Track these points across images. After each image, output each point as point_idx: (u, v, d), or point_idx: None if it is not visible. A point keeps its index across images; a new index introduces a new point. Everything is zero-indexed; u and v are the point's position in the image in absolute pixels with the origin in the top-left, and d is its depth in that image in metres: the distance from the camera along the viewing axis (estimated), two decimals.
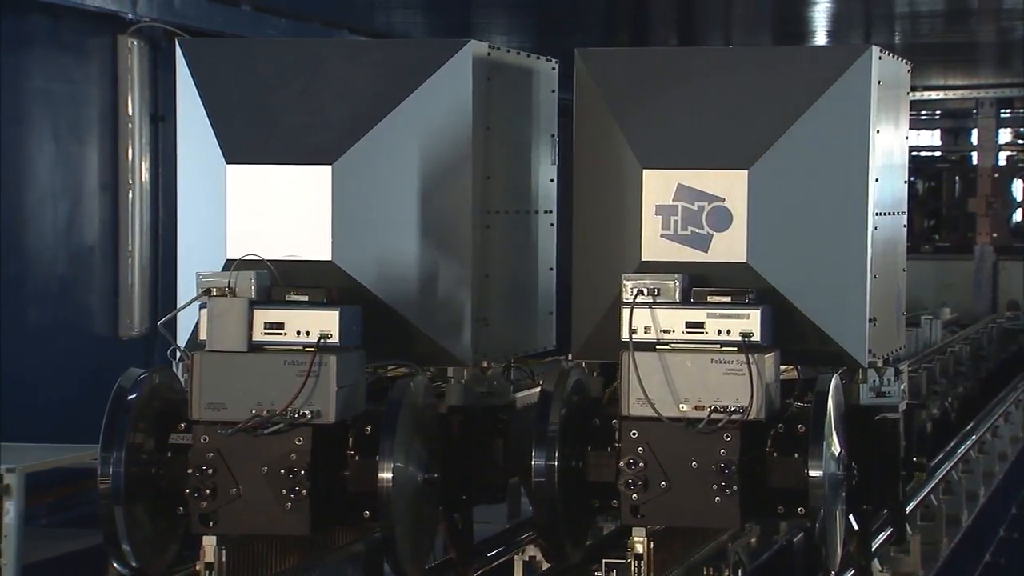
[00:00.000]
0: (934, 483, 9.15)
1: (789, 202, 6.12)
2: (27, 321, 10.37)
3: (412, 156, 6.24)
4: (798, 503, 5.83)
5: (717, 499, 5.72)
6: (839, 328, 6.11)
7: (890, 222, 6.51)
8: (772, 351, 5.88)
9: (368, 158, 6.20)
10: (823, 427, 5.79)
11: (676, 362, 5.78)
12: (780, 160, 6.10)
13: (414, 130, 6.23)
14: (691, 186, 6.11)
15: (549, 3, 12.98)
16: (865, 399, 6.25)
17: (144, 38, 11.05)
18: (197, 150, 6.34)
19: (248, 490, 5.73)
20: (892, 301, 6.59)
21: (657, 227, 6.12)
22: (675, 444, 5.75)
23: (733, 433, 5.71)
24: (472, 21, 13.99)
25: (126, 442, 5.81)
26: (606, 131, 6.24)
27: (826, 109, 6.12)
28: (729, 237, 6.08)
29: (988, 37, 16.03)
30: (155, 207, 11.28)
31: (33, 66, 10.48)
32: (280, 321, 5.85)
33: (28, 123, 10.49)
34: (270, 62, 6.38)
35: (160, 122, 11.19)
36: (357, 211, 6.19)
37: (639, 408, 5.78)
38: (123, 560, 5.90)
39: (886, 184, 6.40)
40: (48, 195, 10.64)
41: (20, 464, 8.44)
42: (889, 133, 6.47)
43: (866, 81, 6.14)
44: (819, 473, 5.74)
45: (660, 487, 5.74)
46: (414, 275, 6.24)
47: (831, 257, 6.13)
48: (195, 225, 6.39)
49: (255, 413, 5.74)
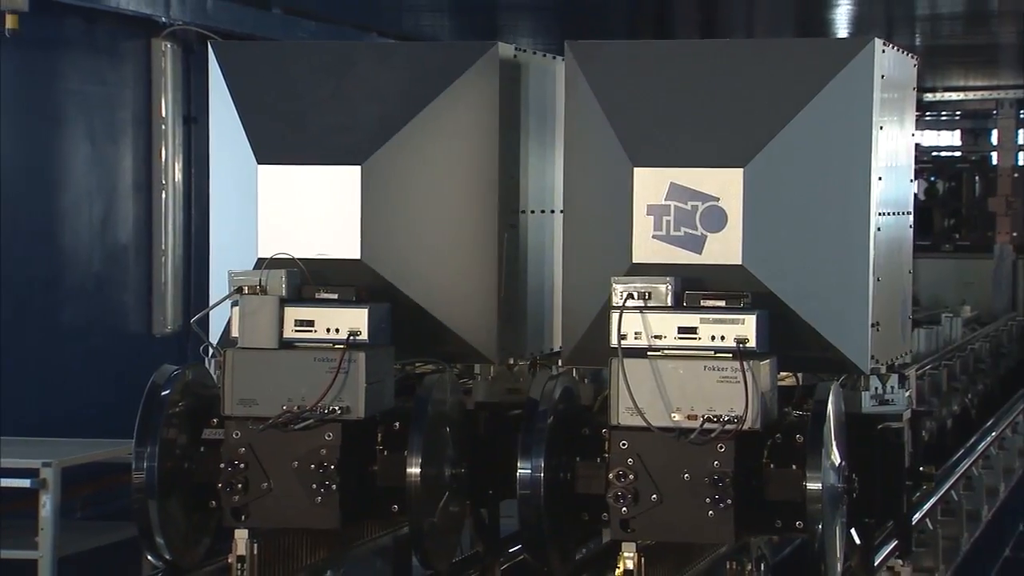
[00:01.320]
0: (954, 479, 9.12)
1: (787, 202, 5.72)
2: (63, 318, 10.40)
3: (440, 156, 6.24)
4: (796, 517, 5.43)
5: (710, 513, 5.33)
6: (840, 333, 5.70)
7: (894, 222, 6.10)
8: (769, 358, 5.50)
9: (397, 158, 6.19)
10: (822, 437, 5.40)
11: (668, 369, 5.40)
12: (777, 158, 5.69)
13: (442, 131, 6.22)
14: (684, 185, 5.70)
15: (573, 6, 12.97)
16: (867, 407, 5.86)
17: (177, 41, 11.07)
18: (229, 151, 6.34)
19: (279, 484, 5.74)
20: (897, 305, 6.19)
21: (649, 228, 5.72)
22: (667, 455, 5.37)
23: (727, 444, 5.32)
24: (498, 24, 13.99)
25: (160, 437, 5.82)
26: (596, 127, 5.85)
27: (826, 104, 5.71)
28: (724, 238, 5.67)
29: (1008, 39, 15.97)
30: (188, 207, 11.30)
31: (68, 68, 10.51)
32: (310, 319, 5.85)
33: (64, 124, 10.52)
34: (301, 64, 6.38)
35: (193, 123, 11.21)
36: (386, 211, 6.19)
37: (629, 417, 5.39)
38: (157, 553, 5.91)
39: (890, 183, 6.00)
40: (83, 195, 10.68)
41: (56, 459, 8.47)
42: (893, 130, 6.06)
43: (868, 75, 5.74)
44: (817, 486, 5.34)
45: (651, 500, 5.36)
46: (442, 273, 6.24)
47: (831, 259, 5.73)
48: (227, 224, 6.39)
49: (286, 409, 5.74)
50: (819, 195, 5.72)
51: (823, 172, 5.73)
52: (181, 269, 11.26)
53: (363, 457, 5.89)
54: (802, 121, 5.67)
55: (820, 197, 5.72)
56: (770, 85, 5.74)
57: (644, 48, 6.16)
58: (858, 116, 5.74)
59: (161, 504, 5.83)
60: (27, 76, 10.08)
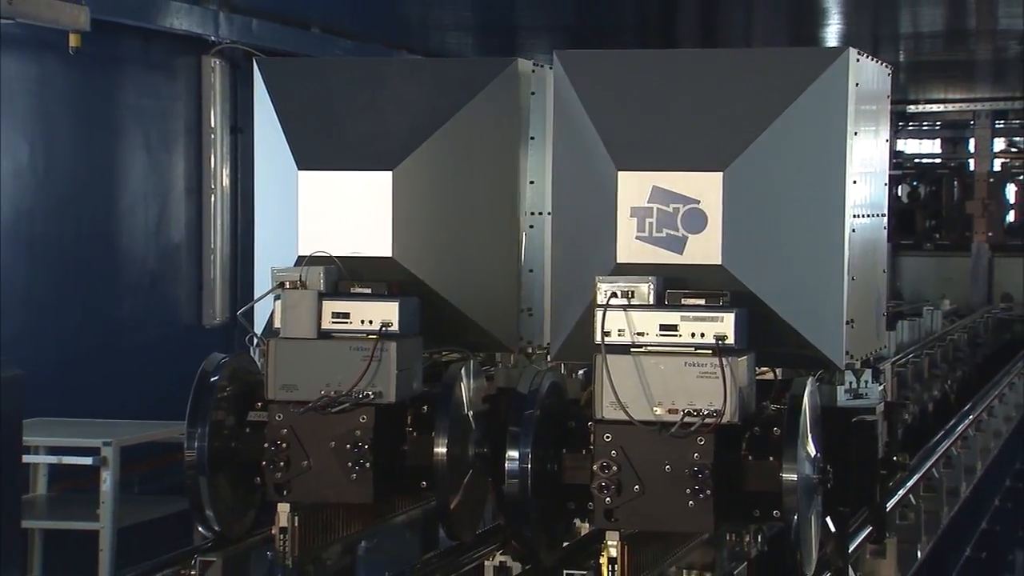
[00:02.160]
0: (935, 458, 9.09)
1: (764, 204, 5.47)
2: (121, 311, 10.42)
3: (464, 162, 6.22)
4: (773, 506, 5.20)
5: (691, 503, 5.10)
6: (816, 330, 5.47)
7: (869, 224, 5.87)
8: (747, 354, 5.26)
9: (425, 164, 6.18)
10: (797, 430, 5.18)
11: (650, 365, 5.16)
12: (755, 162, 5.45)
13: (466, 139, 6.21)
14: (666, 188, 5.46)
15: (586, 26, 12.93)
16: (842, 401, 5.63)
17: (225, 58, 11.08)
18: (272, 158, 6.34)
19: (318, 463, 5.73)
20: (871, 302, 5.97)
21: (632, 229, 5.48)
22: (648, 448, 5.13)
23: (707, 437, 5.09)
24: (517, 42, 13.95)
25: (209, 419, 5.82)
26: (582, 132, 5.61)
27: (802, 111, 5.46)
28: (704, 239, 5.43)
29: (984, 55, 15.94)
30: (235, 209, 11.31)
31: (126, 83, 10.53)
32: (346, 311, 5.84)
33: (122, 135, 10.54)
34: (337, 79, 6.37)
35: (239, 133, 11.22)
36: (415, 212, 6.17)
37: (612, 411, 5.16)
38: (207, 525, 5.92)
39: (864, 186, 5.78)
40: (140, 199, 10.69)
41: (116, 439, 8.49)
42: (868, 135, 5.83)
43: (843, 83, 5.50)
44: (793, 476, 5.13)
45: (633, 491, 5.13)
46: (466, 269, 6.22)
47: (807, 259, 5.49)
48: (270, 225, 6.39)
49: (324, 394, 5.73)
50: (796, 198, 5.51)
51: (800, 176, 5.52)
52: (228, 266, 11.27)
53: (394, 438, 5.88)
54: (779, 127, 5.46)
55: (797, 200, 5.51)
56: (749, 92, 5.52)
57: (629, 57, 5.91)
58: (833, 122, 5.51)
59: (210, 480, 5.83)
60: (89, 90, 10.09)
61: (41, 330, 9.42)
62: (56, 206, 9.79)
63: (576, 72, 5.67)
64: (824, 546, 5.63)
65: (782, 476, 5.14)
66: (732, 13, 12.38)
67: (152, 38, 10.50)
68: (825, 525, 5.62)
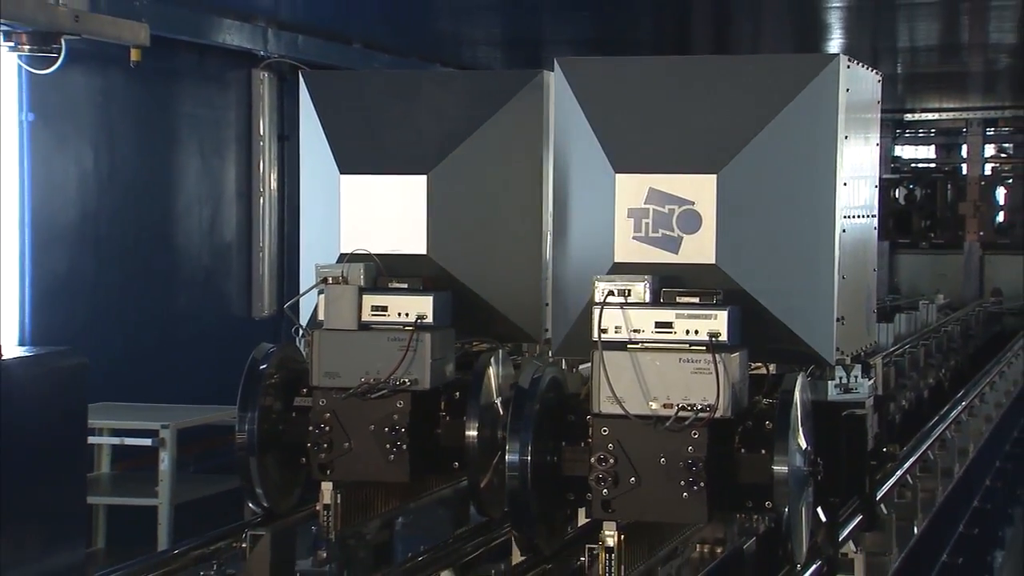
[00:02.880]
0: (930, 442, 9.03)
1: (757, 205, 5.24)
2: (178, 305, 10.44)
3: (493, 167, 6.20)
4: (765, 498, 4.98)
5: (685, 495, 4.86)
6: (807, 327, 5.23)
7: (859, 224, 5.62)
8: (739, 350, 5.03)
9: (457, 169, 6.16)
10: (788, 424, 4.96)
11: (646, 361, 4.93)
12: (748, 165, 5.22)
13: (495, 145, 6.19)
14: (662, 190, 5.25)
15: (606, 40, 12.90)
16: (833, 396, 5.41)
17: (273, 71, 11.09)
18: (316, 163, 6.33)
19: (358, 444, 5.73)
20: (862, 300, 5.70)
21: (629, 229, 5.27)
22: (644, 441, 4.90)
23: (700, 431, 4.86)
24: (542, 55, 13.91)
25: (258, 404, 5.83)
26: (582, 137, 5.40)
27: (794, 116, 5.23)
28: (698, 239, 5.23)
29: (976, 68, 15.87)
30: (281, 211, 11.32)
31: (182, 95, 10.54)
32: (384, 304, 5.84)
33: (178, 142, 10.56)
34: (376, 90, 6.36)
35: (285, 140, 11.23)
36: (448, 212, 6.16)
37: (609, 406, 4.93)
38: (257, 501, 5.92)
39: (855, 188, 5.53)
40: (194, 201, 10.71)
41: (173, 422, 8.53)
42: (858, 139, 5.57)
43: (833, 89, 5.25)
44: (784, 469, 4.90)
45: (630, 483, 4.90)
46: (494, 266, 6.21)
47: (799, 258, 5.25)
48: (314, 225, 6.38)
49: (364, 381, 5.73)
50: (788, 199, 5.27)
51: (791, 178, 5.28)
52: (276, 263, 11.29)
53: (429, 422, 5.87)
54: (772, 131, 5.23)
55: (789, 201, 5.27)
56: (742, 98, 5.31)
57: (626, 64, 5.64)
58: (824, 127, 5.27)
59: (259, 460, 5.84)
60: (148, 101, 10.12)
61: (105, 323, 9.44)
62: (118, 208, 9.81)
63: (576, 78, 5.48)
64: (815, 535, 5.42)
65: (773, 468, 4.94)
66: (741, 27, 12.33)
67: (206, 53, 10.52)
68: (816, 515, 5.40)
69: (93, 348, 7.18)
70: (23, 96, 8.89)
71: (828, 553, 5.60)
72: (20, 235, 8.94)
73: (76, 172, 9.48)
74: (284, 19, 10.94)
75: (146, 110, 10.10)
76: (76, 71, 8.85)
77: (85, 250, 9.48)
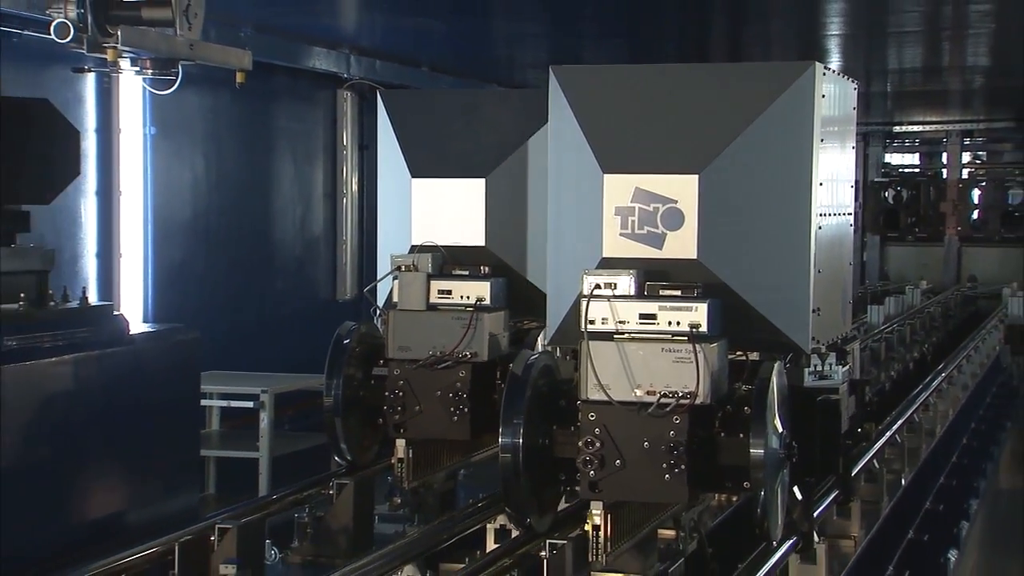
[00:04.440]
0: (917, 405, 8.91)
1: (737, 204, 4.81)
2: (275, 289, 10.48)
3: (541, 171, 6.13)
4: (743, 478, 4.57)
5: (667, 476, 4.47)
6: (784, 318, 4.81)
7: (835, 222, 5.20)
8: (718, 340, 4.61)
9: (510, 173, 6.12)
10: (764, 409, 4.56)
11: (631, 350, 4.53)
12: (728, 165, 4.79)
13: (543, 153, 6.13)
14: (647, 189, 4.83)
15: (638, 62, 12.82)
16: (808, 382, 4.98)
17: (355, 90, 11.10)
18: (391, 168, 6.30)
19: (427, 407, 5.70)
20: (838, 292, 5.28)
21: (617, 226, 4.86)
22: (629, 426, 4.51)
23: (682, 416, 4.46)
24: None
25: (343, 373, 5.82)
26: (574, 140, 4.99)
27: (772, 120, 4.80)
28: (681, 236, 4.81)
29: (955, 87, 15.72)
30: (361, 209, 11.35)
31: (278, 111, 10.57)
32: (449, 288, 5.81)
33: (274, 151, 10.59)
34: (442, 106, 6.32)
35: (365, 149, 11.25)
36: (504, 211, 6.11)
37: (596, 392, 4.53)
38: (341, 455, 5.92)
39: (831, 188, 5.09)
40: (288, 201, 10.74)
41: (271, 387, 8.55)
42: (834, 142, 5.14)
43: (809, 95, 4.81)
44: (760, 451, 4.51)
45: (615, 465, 4.50)
46: (543, 256, 6.15)
47: (776, 254, 4.82)
48: (389, 221, 6.35)
49: (431, 353, 5.71)
50: (766, 198, 4.83)
51: (770, 178, 4.84)
52: (356, 253, 11.32)
53: (486, 388, 5.83)
54: (751, 134, 4.81)
55: (767, 200, 4.84)
56: (723, 102, 4.87)
57: (615, 71, 5.19)
58: (800, 130, 4.83)
59: (344, 420, 5.83)
60: (250, 116, 10.15)
61: (214, 303, 9.49)
62: (225, 207, 9.86)
63: (568, 85, 5.07)
64: (791, 512, 5.03)
65: (750, 451, 4.54)
66: (752, 52, 12.19)
67: (299, 76, 10.54)
68: (792, 494, 5.02)
69: (204, 325, 7.20)
70: (146, 113, 8.94)
71: (803, 528, 5.22)
72: (144, 230, 9.00)
73: (190, 177, 9.52)
74: (364, 47, 10.94)
75: (248, 124, 10.13)
76: (190, 91, 8.88)
77: (197, 243, 9.52)
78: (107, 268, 8.62)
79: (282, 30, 9.74)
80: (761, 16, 10.27)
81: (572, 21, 9.98)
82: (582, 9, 9.35)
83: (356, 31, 10.67)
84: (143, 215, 8.99)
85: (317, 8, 9.39)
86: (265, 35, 9.40)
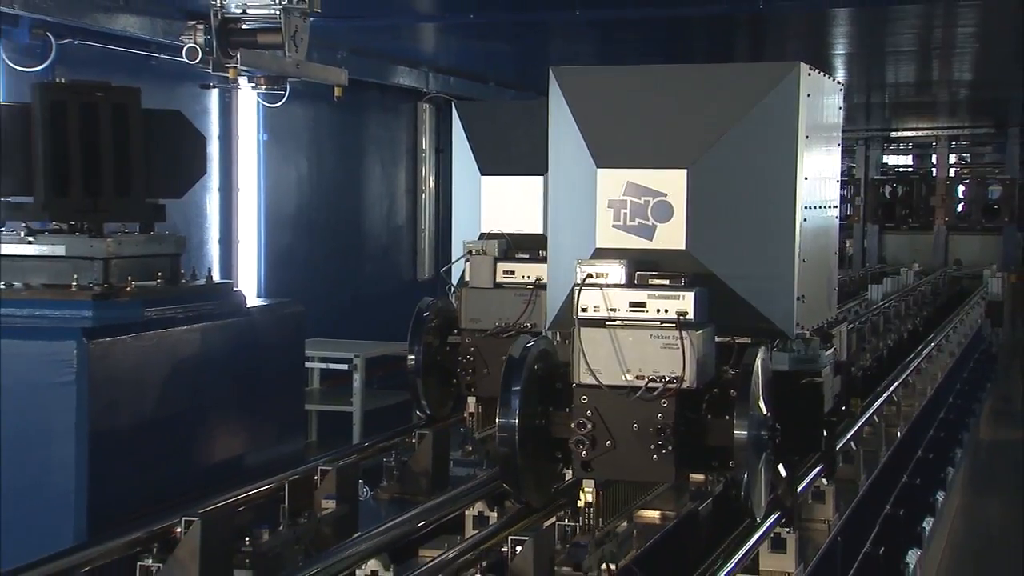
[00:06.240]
0: (910, 369, 8.73)
1: (724, 197, 4.37)
2: (365, 271, 10.53)
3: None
4: (728, 458, 4.14)
5: (655, 457, 4.06)
6: (770, 305, 4.39)
7: (820, 214, 4.73)
8: (705, 327, 4.15)
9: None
10: (749, 392, 4.15)
11: (621, 337, 4.09)
12: (716, 160, 4.36)
13: None
14: (638, 183, 4.39)
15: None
16: (792, 366, 4.52)
17: (433, 103, 11.09)
18: (464, 167, 6.24)
19: (493, 370, 5.63)
20: (823, 280, 4.84)
21: (609, 218, 4.42)
22: (619, 409, 4.09)
23: (669, 399, 4.05)
24: None
25: (423, 341, 5.79)
26: (571, 136, 4.55)
27: (758, 117, 4.36)
28: (671, 227, 4.37)
29: (943, 98, 15.55)
30: (438, 202, 11.35)
31: (370, 120, 10.59)
32: (512, 270, 5.75)
33: (366, 155, 10.62)
34: (506, 115, 6.26)
35: (441, 152, 11.24)
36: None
37: (588, 377, 4.11)
38: (422, 410, 5.90)
39: (816, 183, 4.64)
40: (377, 197, 10.76)
41: (363, 353, 8.58)
42: (819, 139, 4.68)
43: (794, 93, 4.36)
44: (745, 433, 4.09)
45: (606, 446, 4.10)
46: None
47: (762, 244, 4.39)
48: (462, 212, 6.29)
49: (497, 325, 5.67)
50: (752, 192, 4.40)
51: (756, 173, 4.40)
52: (433, 240, 11.33)
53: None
54: (738, 130, 4.38)
55: (753, 193, 4.40)
56: (712, 101, 4.43)
57: (610, 71, 4.70)
58: (786, 126, 4.39)
59: (424, 380, 5.81)
60: (345, 125, 10.18)
61: (315, 283, 9.55)
62: (324, 202, 9.91)
63: (566, 85, 4.63)
64: (776, 488, 4.59)
65: (735, 432, 4.11)
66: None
67: (385, 90, 10.56)
68: (777, 471, 4.56)
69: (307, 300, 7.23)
70: (260, 122, 9.00)
71: (787, 504, 4.78)
72: (258, 221, 9.07)
73: (295, 176, 9.57)
74: (441, 65, 10.93)
75: (343, 131, 10.17)
76: (295, 104, 8.93)
77: (301, 232, 9.58)
78: (228, 252, 8.71)
79: (372, 52, 9.76)
80: (777, 41, 10.15)
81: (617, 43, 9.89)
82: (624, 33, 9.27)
83: (434, 53, 10.65)
84: (257, 208, 9.06)
85: (402, 34, 9.39)
86: (358, 56, 9.43)
